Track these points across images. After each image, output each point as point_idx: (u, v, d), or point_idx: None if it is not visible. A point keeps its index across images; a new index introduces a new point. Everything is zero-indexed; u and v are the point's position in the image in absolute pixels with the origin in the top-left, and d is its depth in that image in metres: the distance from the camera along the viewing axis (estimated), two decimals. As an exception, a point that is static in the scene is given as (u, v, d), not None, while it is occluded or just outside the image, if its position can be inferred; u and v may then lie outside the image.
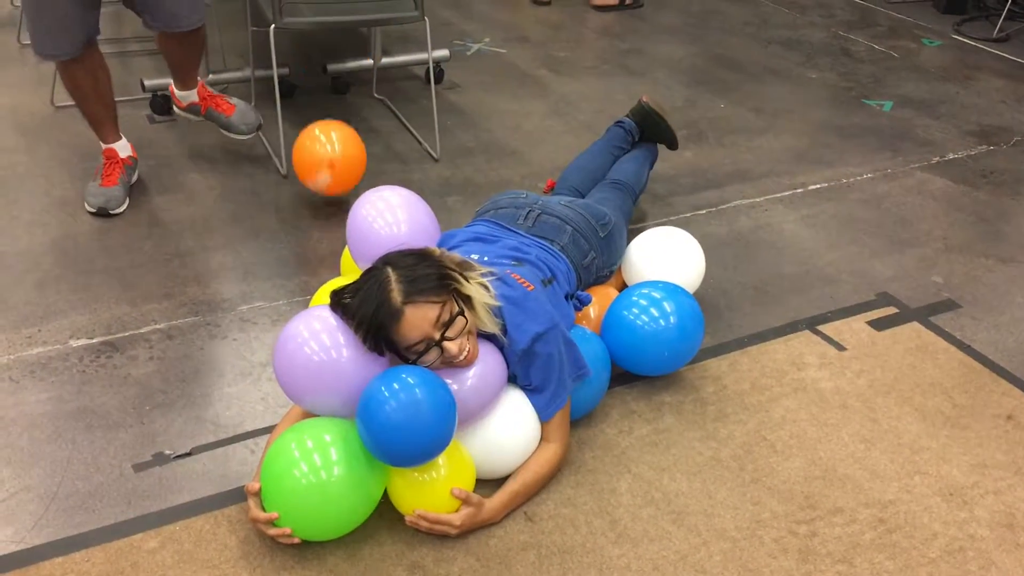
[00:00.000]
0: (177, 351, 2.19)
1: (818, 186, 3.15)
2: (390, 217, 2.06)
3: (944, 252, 2.83)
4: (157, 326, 2.26)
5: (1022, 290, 2.66)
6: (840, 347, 2.38)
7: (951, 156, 3.42)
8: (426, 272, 1.65)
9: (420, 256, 1.71)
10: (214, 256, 2.55)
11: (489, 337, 1.81)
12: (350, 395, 1.65)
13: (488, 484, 1.83)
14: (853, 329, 2.46)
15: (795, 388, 2.23)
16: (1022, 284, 2.69)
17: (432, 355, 1.66)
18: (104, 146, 2.77)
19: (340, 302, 1.68)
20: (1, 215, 2.66)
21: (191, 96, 2.99)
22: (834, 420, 2.14)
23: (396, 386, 1.60)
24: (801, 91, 3.91)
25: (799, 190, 3.12)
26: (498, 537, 1.78)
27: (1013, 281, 2.71)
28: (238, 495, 1.81)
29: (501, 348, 1.82)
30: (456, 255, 1.85)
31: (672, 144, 2.89)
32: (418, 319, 1.62)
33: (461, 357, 1.69)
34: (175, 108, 3.06)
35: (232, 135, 3.01)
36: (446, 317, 1.65)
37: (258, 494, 1.68)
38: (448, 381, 1.68)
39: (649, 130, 2.83)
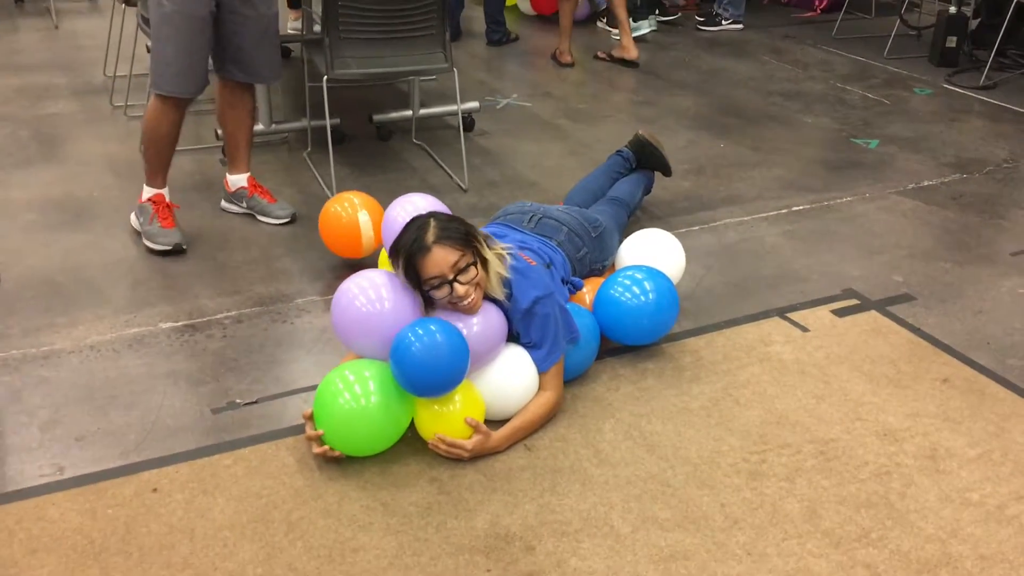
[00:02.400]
0: (245, 332, 2.67)
1: (801, 208, 3.57)
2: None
3: (907, 258, 3.22)
4: (229, 313, 2.75)
5: (974, 288, 3.04)
6: (804, 329, 2.78)
7: (926, 183, 3.82)
8: (457, 227, 2.14)
9: (457, 218, 2.19)
10: (275, 263, 3.05)
11: (496, 302, 2.26)
12: (387, 339, 2.11)
13: (494, 423, 2.26)
14: (817, 316, 2.85)
15: (761, 359, 2.63)
16: (974, 283, 3.07)
17: (443, 291, 2.11)
18: (154, 192, 3.14)
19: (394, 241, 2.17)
20: (102, 235, 3.19)
21: (241, 180, 3.36)
22: (791, 382, 2.53)
23: (420, 331, 2.05)
24: (796, 133, 4.35)
25: (783, 211, 3.54)
26: (501, 461, 2.19)
27: (966, 280, 3.08)
28: (294, 431, 2.25)
29: (506, 311, 2.26)
30: (484, 232, 2.32)
31: (666, 171, 3.36)
32: (439, 258, 2.08)
33: (466, 302, 2.13)
34: (223, 202, 3.39)
35: (270, 219, 3.33)
36: (462, 265, 2.11)
37: (311, 418, 2.12)
38: (460, 326, 2.13)
39: (645, 158, 3.30)
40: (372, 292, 2.16)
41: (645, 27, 5.71)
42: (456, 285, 2.11)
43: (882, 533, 2.03)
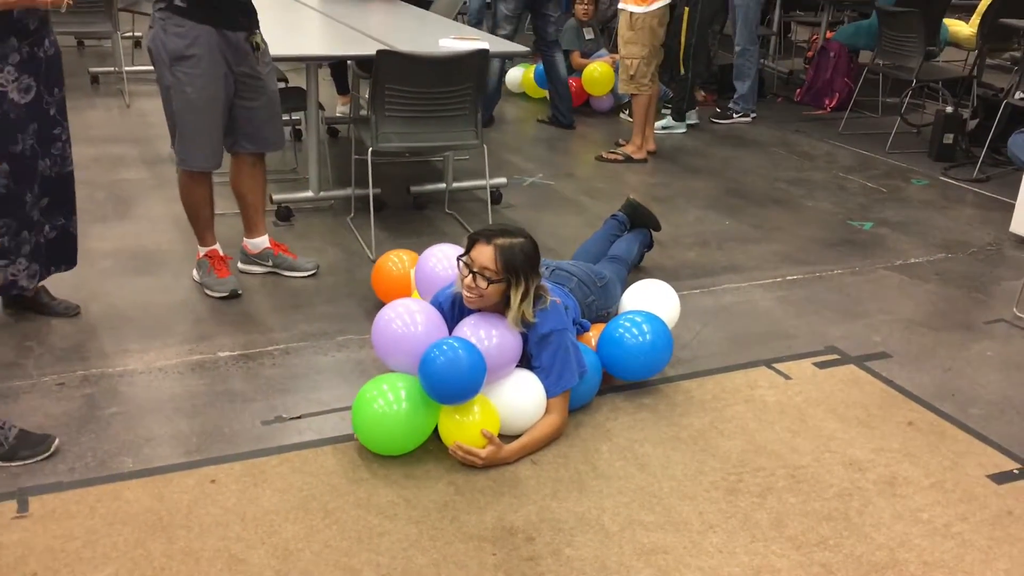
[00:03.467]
0: (292, 361, 3.05)
1: (794, 277, 3.93)
2: (447, 263, 2.94)
3: (888, 322, 3.55)
4: (278, 346, 3.14)
5: (946, 349, 3.36)
6: (787, 377, 3.11)
7: (912, 260, 4.17)
8: (513, 257, 2.55)
9: (528, 254, 2.61)
10: (318, 307, 3.44)
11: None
12: (418, 355, 2.48)
13: (506, 438, 2.59)
14: (800, 367, 3.18)
15: (746, 400, 2.95)
16: (947, 345, 3.39)
17: (465, 272, 2.57)
18: (207, 248, 3.54)
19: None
20: (169, 280, 3.61)
21: (263, 243, 3.65)
22: (771, 419, 2.85)
23: (445, 346, 2.43)
24: (796, 214, 4.73)
25: (778, 279, 3.90)
26: (510, 470, 2.53)
27: (940, 343, 3.40)
28: (332, 440, 2.61)
29: (524, 335, 2.63)
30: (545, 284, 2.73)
31: (656, 226, 3.80)
32: (482, 253, 2.55)
33: (468, 294, 2.57)
34: (240, 263, 3.66)
35: (298, 273, 3.65)
36: (487, 272, 2.53)
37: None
38: (478, 339, 2.51)
39: (638, 218, 3.73)
40: (407, 316, 2.56)
41: (682, 127, 6.18)
42: (471, 276, 2.54)
43: (839, 541, 2.33)
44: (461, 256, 2.59)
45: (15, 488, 2.36)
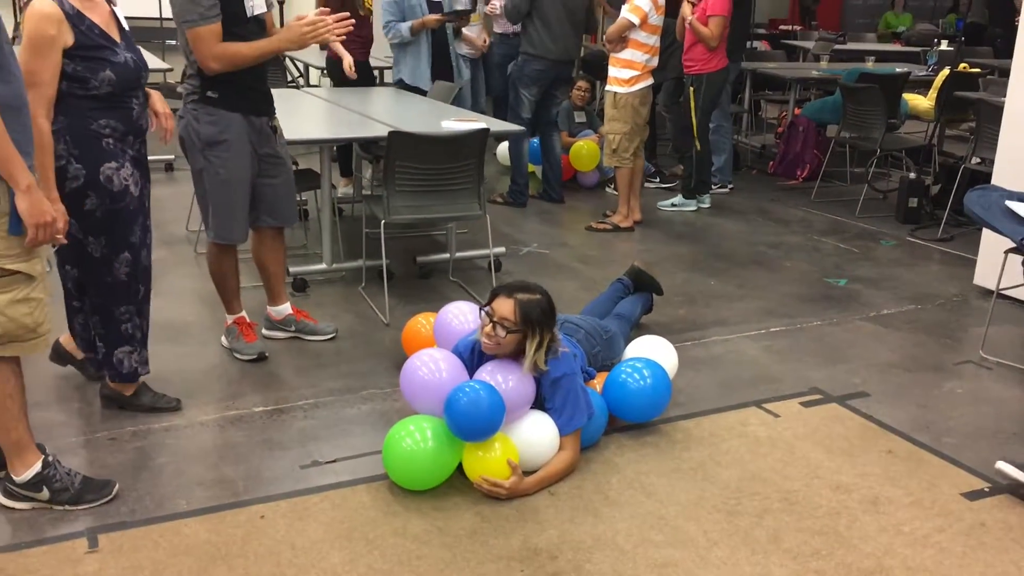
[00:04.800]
0: (322, 414, 3.31)
1: (777, 329, 4.24)
2: (463, 318, 3.24)
3: (865, 366, 3.85)
4: (308, 401, 3.40)
5: (920, 388, 3.66)
6: (776, 415, 3.39)
7: (885, 311, 4.51)
8: (531, 311, 2.84)
9: (544, 309, 2.90)
10: (342, 367, 3.71)
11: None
12: (443, 398, 2.75)
13: (524, 474, 2.85)
14: (787, 407, 3.47)
15: (739, 435, 3.23)
16: (921, 385, 3.70)
17: (485, 321, 2.85)
18: (235, 316, 3.81)
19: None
20: (198, 348, 3.87)
21: (286, 310, 3.93)
22: (763, 451, 3.12)
23: (468, 388, 2.71)
24: (776, 274, 5.08)
25: (763, 331, 4.21)
26: (530, 501, 2.78)
27: (914, 383, 3.71)
28: (365, 480, 2.86)
29: (537, 380, 2.91)
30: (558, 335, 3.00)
31: (658, 290, 4.08)
32: (502, 306, 2.83)
33: (487, 341, 2.85)
34: (264, 330, 3.93)
35: (319, 337, 3.93)
36: (506, 322, 2.82)
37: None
38: (496, 382, 2.79)
39: (641, 283, 4.03)
40: (432, 364, 2.85)
41: (692, 205, 6.52)
42: (491, 326, 2.83)
43: (830, 551, 2.59)
44: (484, 306, 2.89)
45: (84, 528, 2.59)
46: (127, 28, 2.99)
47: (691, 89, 6.06)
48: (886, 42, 12.62)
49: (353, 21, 3.52)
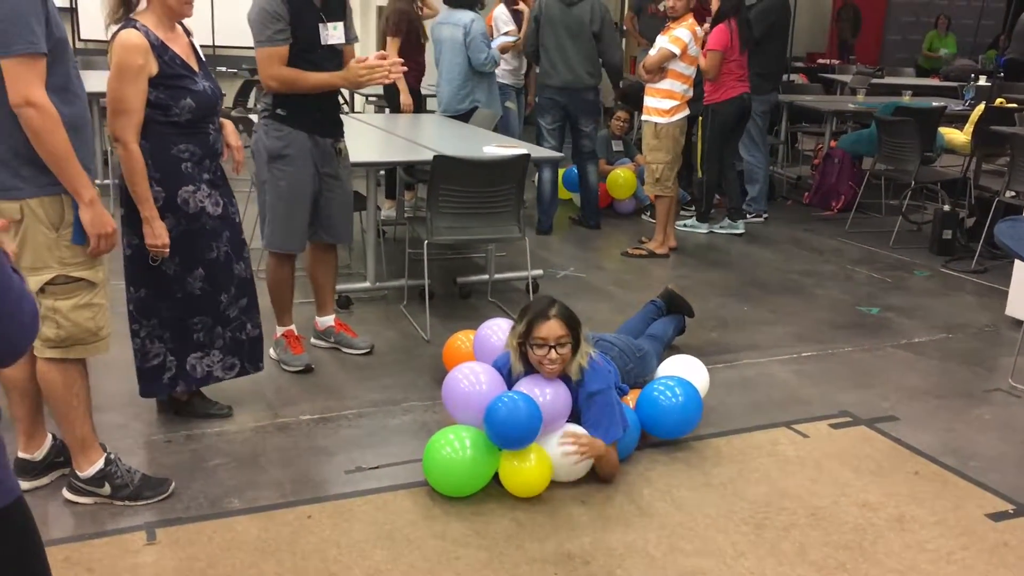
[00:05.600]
0: (365, 423, 3.45)
1: (809, 354, 4.33)
2: (502, 334, 3.38)
3: (895, 391, 3.93)
4: (351, 411, 3.55)
5: (949, 413, 3.73)
6: (805, 436, 3.48)
7: (916, 340, 4.57)
8: (572, 315, 2.99)
9: (573, 312, 3.03)
10: (385, 379, 3.86)
11: (567, 381, 3.03)
12: (482, 409, 2.88)
13: (558, 486, 2.97)
14: (817, 428, 3.56)
15: (769, 454, 3.32)
16: (949, 410, 3.76)
17: (543, 351, 2.94)
18: (284, 329, 4.01)
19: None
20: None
21: (329, 321, 4.14)
22: (792, 470, 3.21)
23: (506, 398, 2.84)
24: (808, 301, 5.16)
25: (794, 355, 4.30)
26: (564, 509, 2.89)
27: (943, 408, 3.78)
28: (406, 485, 2.99)
29: (574, 392, 3.03)
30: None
31: (690, 313, 4.20)
32: (553, 328, 2.93)
33: (552, 366, 2.95)
34: (312, 339, 4.13)
35: (354, 350, 4.09)
36: (564, 340, 2.94)
37: None
38: (534, 394, 2.91)
39: (674, 305, 4.15)
40: (472, 377, 2.99)
41: (704, 228, 6.66)
42: (553, 351, 2.93)
43: (855, 565, 2.67)
44: (530, 342, 2.98)
45: (143, 522, 2.75)
46: (204, 58, 3.17)
47: (699, 117, 6.26)
48: (924, 77, 12.66)
49: (405, 66, 3.77)
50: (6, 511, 1.42)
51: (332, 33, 3.70)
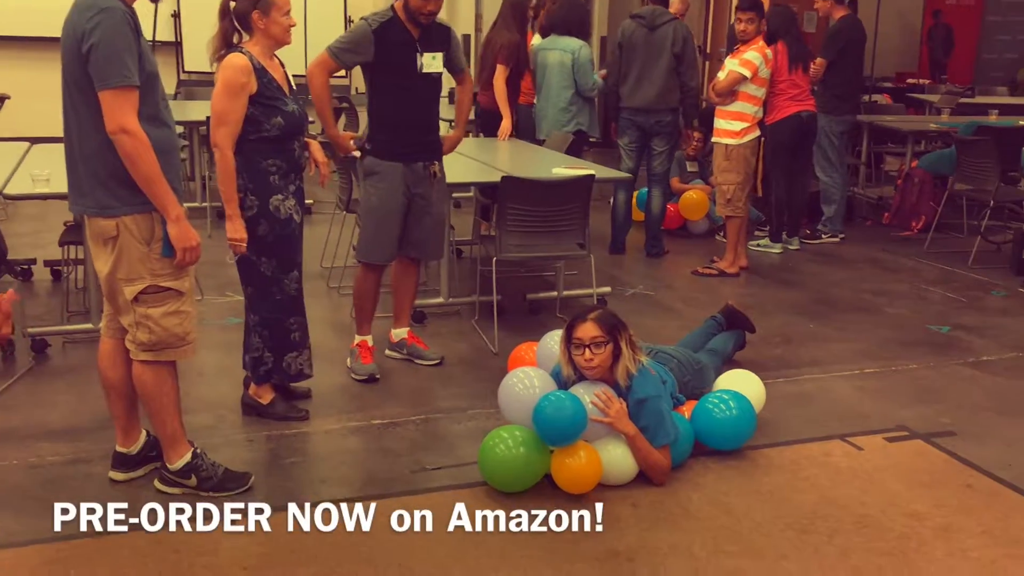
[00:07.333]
0: (431, 428, 3.67)
1: (871, 370, 4.36)
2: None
3: (956, 407, 3.94)
4: (420, 416, 3.77)
5: (1009, 429, 3.74)
6: (859, 448, 3.54)
7: (985, 358, 4.56)
8: (609, 318, 3.18)
9: (617, 317, 3.23)
10: (453, 389, 4.07)
11: (617, 387, 3.18)
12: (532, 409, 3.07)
13: (607, 487, 3.12)
14: (872, 441, 3.61)
15: (821, 464, 3.40)
16: (1010, 427, 3.76)
17: (579, 352, 3.12)
18: (360, 338, 4.25)
19: None
20: (325, 368, 4.26)
21: (403, 333, 4.37)
22: (843, 480, 3.28)
23: (552, 397, 3.04)
24: (877, 319, 5.18)
25: (856, 372, 4.34)
26: (615, 510, 3.04)
27: (1003, 424, 3.78)
28: (467, 485, 3.18)
29: (623, 397, 3.18)
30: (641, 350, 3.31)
31: (751, 328, 4.28)
32: (587, 328, 3.11)
33: (588, 366, 3.12)
34: (387, 350, 4.35)
35: (425, 362, 4.30)
36: (599, 340, 3.11)
37: None
38: (581, 394, 3.09)
39: (734, 321, 4.25)
40: (527, 380, 3.21)
41: (777, 248, 6.71)
42: (588, 351, 3.09)
43: (897, 570, 2.75)
44: (568, 345, 3.17)
45: (227, 511, 3.00)
46: (295, 87, 3.58)
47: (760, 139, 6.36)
48: (1020, 95, 12.35)
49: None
50: None
51: (431, 63, 4.01)
